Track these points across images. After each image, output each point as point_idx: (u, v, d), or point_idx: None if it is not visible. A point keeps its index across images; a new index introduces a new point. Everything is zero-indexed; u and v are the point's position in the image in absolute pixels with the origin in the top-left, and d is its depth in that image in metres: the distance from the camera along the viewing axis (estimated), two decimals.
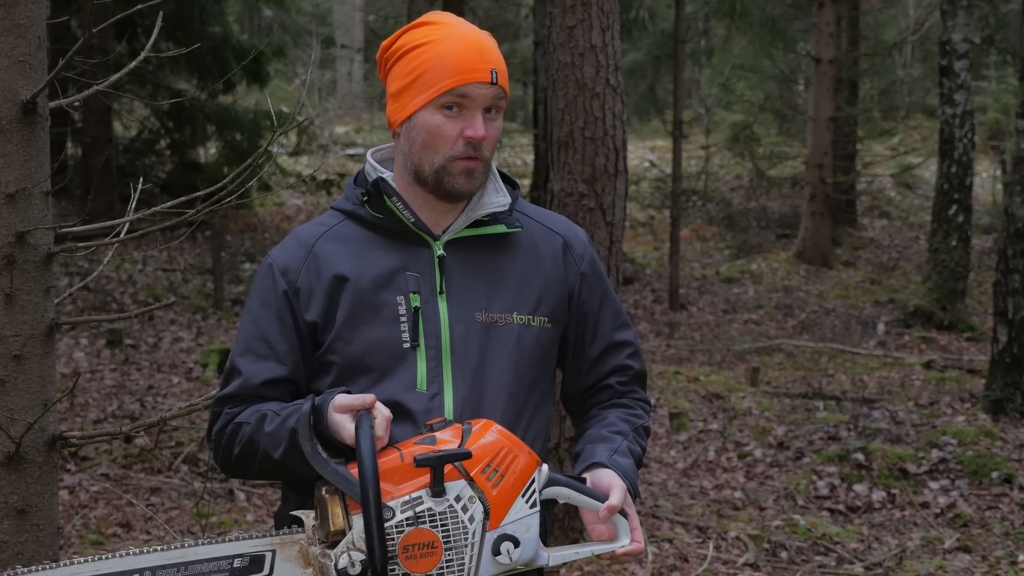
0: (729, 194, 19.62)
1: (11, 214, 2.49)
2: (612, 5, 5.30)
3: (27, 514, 2.55)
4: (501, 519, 1.90)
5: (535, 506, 1.93)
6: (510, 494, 1.91)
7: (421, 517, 1.87)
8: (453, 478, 1.89)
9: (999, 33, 15.11)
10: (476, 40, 2.11)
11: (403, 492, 1.89)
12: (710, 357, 10.61)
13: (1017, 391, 7.77)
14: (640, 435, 2.27)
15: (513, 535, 1.90)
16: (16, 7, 2.48)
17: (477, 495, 1.90)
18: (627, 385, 2.31)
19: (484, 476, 1.90)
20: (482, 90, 2.08)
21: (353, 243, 2.15)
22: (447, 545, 1.87)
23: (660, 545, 5.68)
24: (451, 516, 1.88)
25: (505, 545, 1.89)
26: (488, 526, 1.89)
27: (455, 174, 2.10)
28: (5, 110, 2.48)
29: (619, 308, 2.32)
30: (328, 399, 1.98)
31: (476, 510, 1.89)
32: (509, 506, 1.91)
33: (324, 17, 26.57)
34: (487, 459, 1.91)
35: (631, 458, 2.19)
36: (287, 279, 2.12)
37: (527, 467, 1.94)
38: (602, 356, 2.28)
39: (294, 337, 2.12)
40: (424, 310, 2.10)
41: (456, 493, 1.89)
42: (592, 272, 2.26)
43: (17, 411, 2.53)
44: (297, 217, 16.05)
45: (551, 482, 1.99)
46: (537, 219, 2.25)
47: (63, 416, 7.25)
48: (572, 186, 5.30)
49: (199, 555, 1.90)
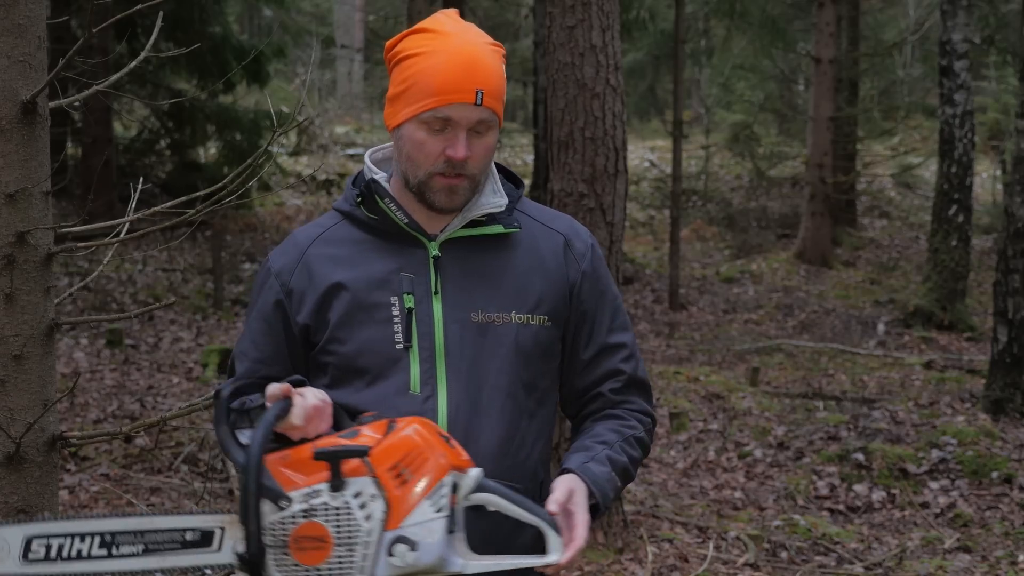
0: (729, 194, 19.62)
1: (11, 214, 2.49)
2: (612, 5, 5.30)
3: (27, 514, 2.55)
4: (401, 520, 1.85)
5: (442, 511, 1.86)
6: (415, 496, 1.85)
7: (316, 510, 1.85)
8: (359, 474, 1.86)
9: (999, 33, 15.11)
10: (467, 57, 2.05)
11: (307, 483, 1.87)
12: (710, 357, 10.61)
13: (1017, 391, 7.77)
14: (631, 445, 2.19)
15: (411, 538, 1.84)
16: (16, 7, 2.48)
17: (380, 493, 1.85)
18: (620, 393, 2.23)
19: (390, 475, 1.85)
20: (465, 112, 2.05)
21: (349, 245, 2.16)
22: (338, 541, 1.84)
23: (660, 545, 5.68)
24: (345, 512, 1.85)
25: (400, 547, 1.84)
26: (387, 526, 1.84)
27: (436, 190, 2.09)
28: (5, 110, 2.48)
29: (618, 310, 2.26)
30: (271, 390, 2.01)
31: (376, 508, 1.84)
32: (412, 508, 1.85)
33: (324, 17, 26.57)
34: (396, 458, 1.86)
35: (609, 466, 2.11)
36: (280, 281, 2.16)
37: (438, 469, 1.87)
38: (596, 358, 2.22)
39: (282, 340, 2.16)
40: (418, 311, 2.09)
41: (358, 489, 1.85)
42: (593, 271, 2.21)
43: (17, 411, 2.53)
44: (297, 217, 16.05)
45: (481, 488, 1.92)
46: (539, 219, 2.22)
47: (63, 416, 7.25)
48: (572, 186, 5.30)
49: (155, 525, 1.95)
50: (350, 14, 26.04)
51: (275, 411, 1.91)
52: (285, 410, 1.93)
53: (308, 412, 1.94)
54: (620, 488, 2.15)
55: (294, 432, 1.95)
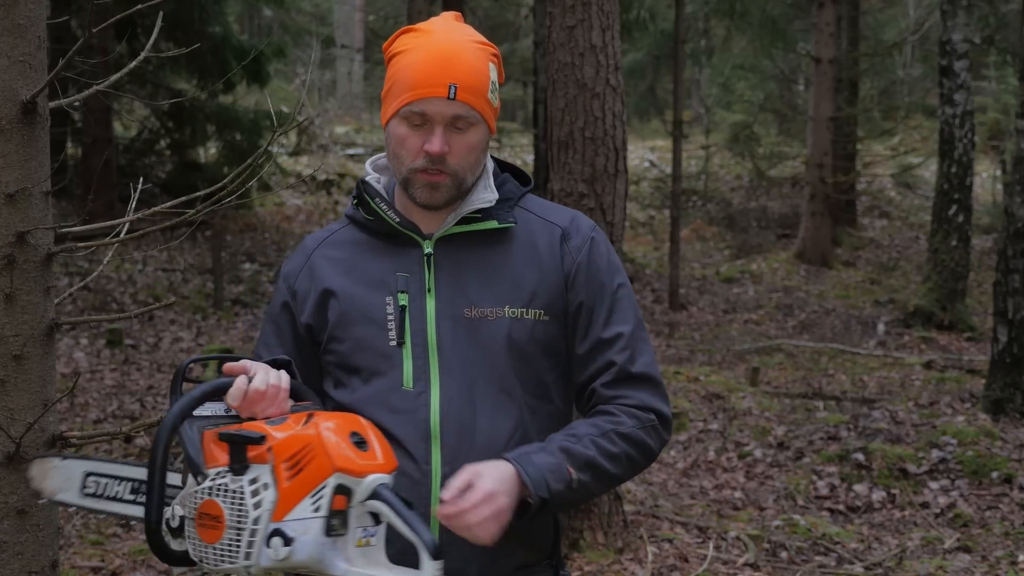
0: (729, 194, 19.62)
1: (11, 214, 2.49)
2: (612, 5, 5.30)
3: (27, 514, 2.55)
4: (286, 513, 1.87)
5: (320, 511, 1.87)
6: (298, 491, 1.87)
7: (216, 490, 1.90)
8: (262, 461, 1.89)
9: (999, 33, 15.11)
10: (442, 52, 2.07)
11: (224, 463, 1.92)
12: (710, 357, 10.61)
13: (1017, 391, 7.77)
14: (609, 440, 2.07)
15: (288, 533, 1.85)
16: (16, 7, 2.48)
17: (273, 483, 1.88)
18: (612, 387, 2.13)
19: (284, 467, 1.88)
20: (438, 107, 2.06)
21: (350, 247, 2.20)
22: (229, 523, 1.87)
23: (660, 545, 5.68)
24: (239, 496, 1.88)
25: (275, 540, 1.86)
26: (274, 516, 1.87)
27: (418, 186, 2.11)
28: (5, 110, 2.48)
29: (619, 302, 2.17)
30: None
31: (266, 497, 1.87)
32: (295, 503, 1.87)
33: (324, 17, 26.58)
34: (292, 451, 1.88)
35: (562, 457, 2.01)
36: (287, 284, 2.24)
37: (321, 469, 1.87)
38: (590, 353, 2.14)
39: (290, 342, 2.21)
40: (411, 308, 2.11)
41: (255, 476, 1.88)
42: (590, 262, 2.16)
43: (17, 411, 2.53)
44: (297, 217, 16.06)
45: (375, 495, 1.90)
46: (539, 214, 2.21)
47: (63, 416, 7.25)
48: (572, 186, 5.30)
49: (172, 480, 2.03)
50: (350, 14, 26.05)
51: (205, 387, 1.99)
52: (220, 387, 1.99)
53: (248, 394, 1.98)
54: (583, 483, 2.03)
55: (242, 411, 2.00)
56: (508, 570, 2.12)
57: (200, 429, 1.97)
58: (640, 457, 2.13)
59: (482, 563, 2.07)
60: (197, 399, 1.99)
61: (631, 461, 2.11)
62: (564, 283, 2.15)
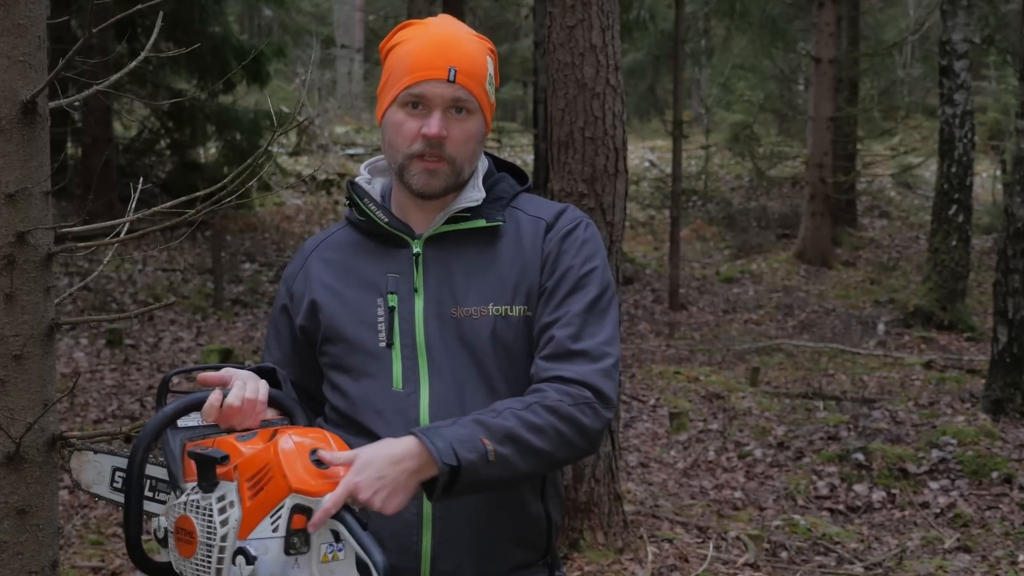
0: (729, 194, 19.63)
1: (11, 214, 2.49)
2: (612, 5, 5.30)
3: (27, 514, 2.55)
4: (249, 532, 1.88)
5: (278, 531, 1.87)
6: (259, 511, 1.88)
7: (190, 505, 1.93)
8: (228, 478, 1.91)
9: (999, 33, 15.11)
10: (442, 38, 2.08)
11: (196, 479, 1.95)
12: (710, 357, 10.61)
13: (1017, 391, 7.77)
14: (533, 412, 1.95)
15: (251, 552, 1.86)
16: (16, 7, 2.48)
17: (238, 501, 1.89)
18: (550, 362, 2.03)
19: (247, 485, 1.89)
20: (438, 89, 2.06)
21: (344, 248, 2.21)
22: (200, 539, 1.90)
23: (660, 545, 5.68)
24: (206, 513, 1.90)
25: (239, 558, 1.87)
26: (239, 534, 1.88)
27: (415, 172, 2.10)
28: (5, 110, 2.48)
29: (582, 286, 2.08)
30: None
31: (233, 515, 1.89)
32: (257, 522, 1.88)
33: (324, 17, 26.60)
34: (253, 470, 1.89)
35: (476, 427, 1.91)
36: (286, 286, 2.26)
37: (278, 489, 1.87)
38: (540, 332, 2.07)
39: (289, 344, 2.23)
40: (400, 309, 2.11)
41: (223, 493, 1.90)
42: (561, 248, 2.10)
43: (17, 411, 2.53)
44: (297, 217, 16.06)
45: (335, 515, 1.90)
46: (530, 211, 2.17)
47: (63, 416, 7.25)
48: (572, 186, 5.30)
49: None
50: (350, 14, 26.06)
51: (178, 404, 2.02)
52: (194, 403, 2.02)
53: (224, 409, 2.00)
54: (503, 456, 1.91)
55: (220, 423, 2.02)
56: (504, 571, 2.11)
57: (183, 441, 2.00)
58: (572, 434, 1.97)
59: (477, 564, 2.06)
60: (170, 416, 2.01)
61: (560, 436, 1.96)
62: (540, 272, 2.11)
